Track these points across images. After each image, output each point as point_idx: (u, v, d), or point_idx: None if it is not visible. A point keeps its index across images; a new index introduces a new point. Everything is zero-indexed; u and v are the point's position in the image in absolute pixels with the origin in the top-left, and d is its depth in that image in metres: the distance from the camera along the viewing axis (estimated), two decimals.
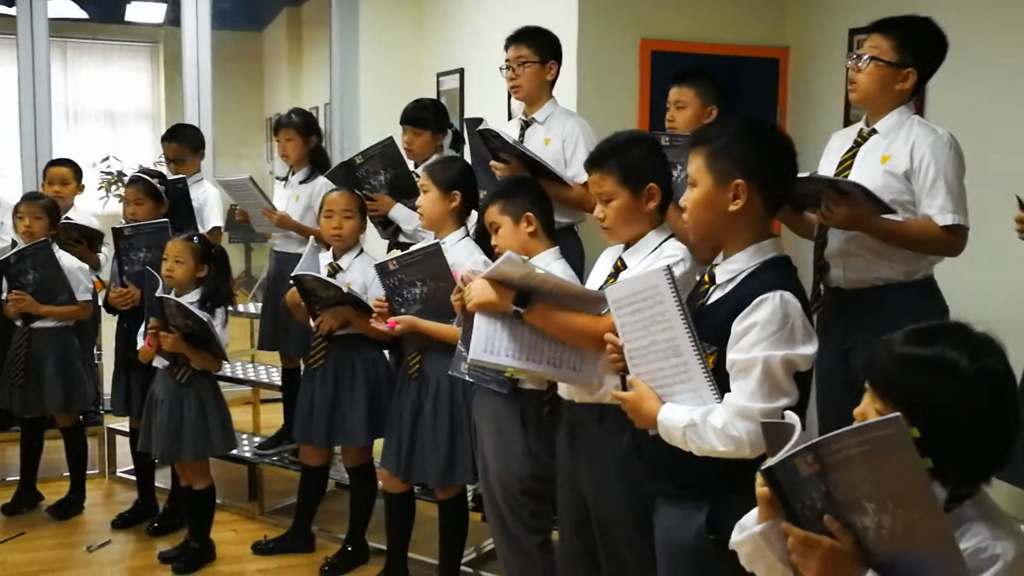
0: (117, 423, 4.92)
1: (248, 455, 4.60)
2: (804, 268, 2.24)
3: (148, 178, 4.34)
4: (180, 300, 3.66)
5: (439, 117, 4.29)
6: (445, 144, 4.32)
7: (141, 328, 3.84)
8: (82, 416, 4.64)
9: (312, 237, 3.89)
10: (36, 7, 5.74)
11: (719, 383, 2.00)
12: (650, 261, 2.39)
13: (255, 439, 4.88)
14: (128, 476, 4.88)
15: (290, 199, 4.47)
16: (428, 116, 4.22)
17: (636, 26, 4.60)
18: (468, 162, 3.60)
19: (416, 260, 3.25)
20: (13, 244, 4.45)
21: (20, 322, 4.32)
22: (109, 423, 4.99)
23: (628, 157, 2.47)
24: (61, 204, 4.61)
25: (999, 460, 1.46)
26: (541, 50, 3.67)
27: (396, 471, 3.48)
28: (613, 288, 2.15)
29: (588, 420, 2.56)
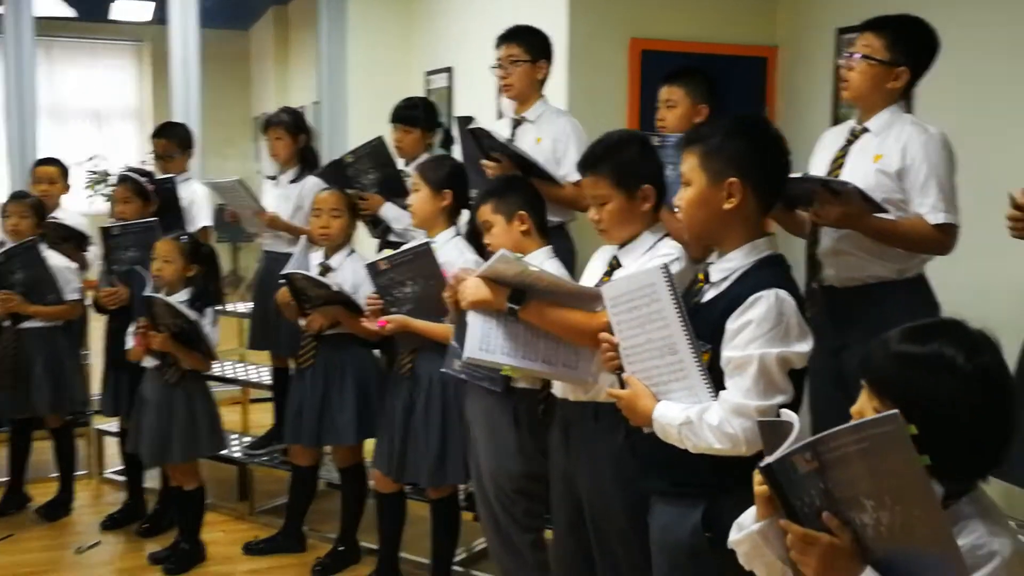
0: (106, 423, 4.89)
1: (238, 455, 4.58)
2: (796, 267, 2.24)
3: (136, 177, 4.32)
4: (169, 299, 3.64)
5: (429, 115, 4.28)
6: (435, 143, 4.32)
7: (130, 328, 3.81)
8: (71, 417, 4.61)
9: (304, 236, 3.87)
10: (21, 6, 5.70)
11: (714, 381, 2.00)
12: (645, 260, 2.39)
13: (245, 439, 4.86)
14: (117, 477, 4.86)
15: (280, 198, 4.45)
16: (418, 114, 4.22)
17: (626, 25, 4.61)
18: (459, 161, 3.59)
19: (407, 259, 3.24)
20: (0, 244, 4.42)
21: (8, 322, 4.28)
22: (98, 424, 4.96)
23: (621, 159, 2.46)
24: (48, 203, 4.58)
25: (996, 457, 1.46)
26: (532, 49, 3.67)
27: (388, 471, 3.47)
28: (609, 286, 2.15)
29: (582, 418, 2.56)
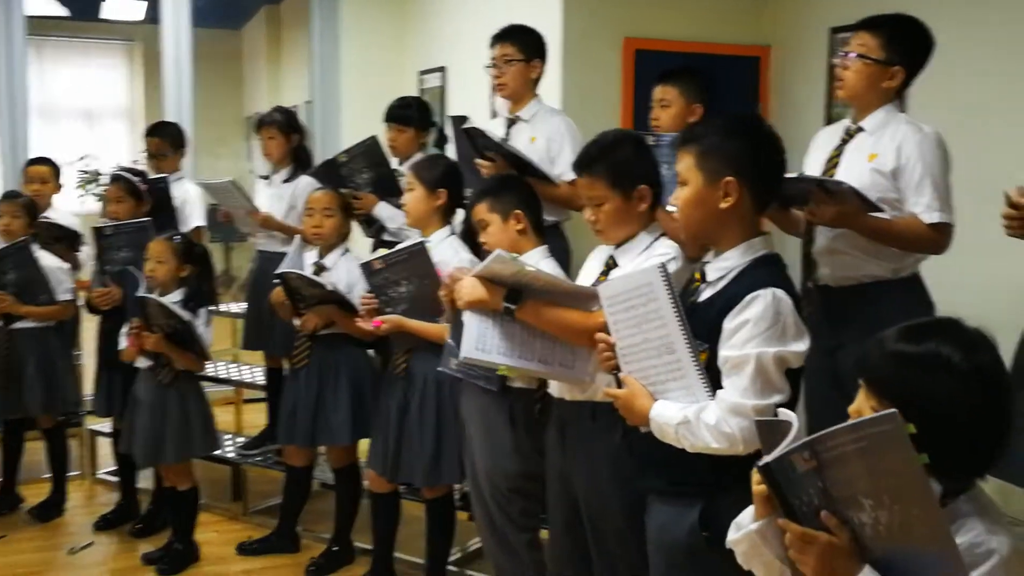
0: (98, 424, 4.88)
1: (231, 455, 4.57)
2: (791, 266, 2.24)
3: (129, 176, 4.31)
4: (162, 300, 3.63)
5: (423, 115, 4.27)
6: (429, 142, 4.31)
7: (123, 328, 3.80)
8: (63, 417, 4.58)
9: (298, 236, 3.86)
10: (12, 4, 5.67)
11: (711, 380, 2.00)
12: (642, 260, 2.38)
13: (238, 439, 4.85)
14: (109, 477, 4.84)
15: (273, 198, 4.45)
16: (412, 114, 4.21)
17: (620, 25, 4.62)
18: (454, 160, 3.58)
19: (401, 259, 3.23)
20: None
21: (0, 323, 4.26)
22: (90, 424, 4.95)
23: (616, 159, 2.45)
24: (40, 203, 4.56)
25: (993, 455, 1.47)
26: (526, 48, 3.66)
27: (383, 471, 3.46)
28: (606, 285, 2.14)
29: (579, 417, 2.56)
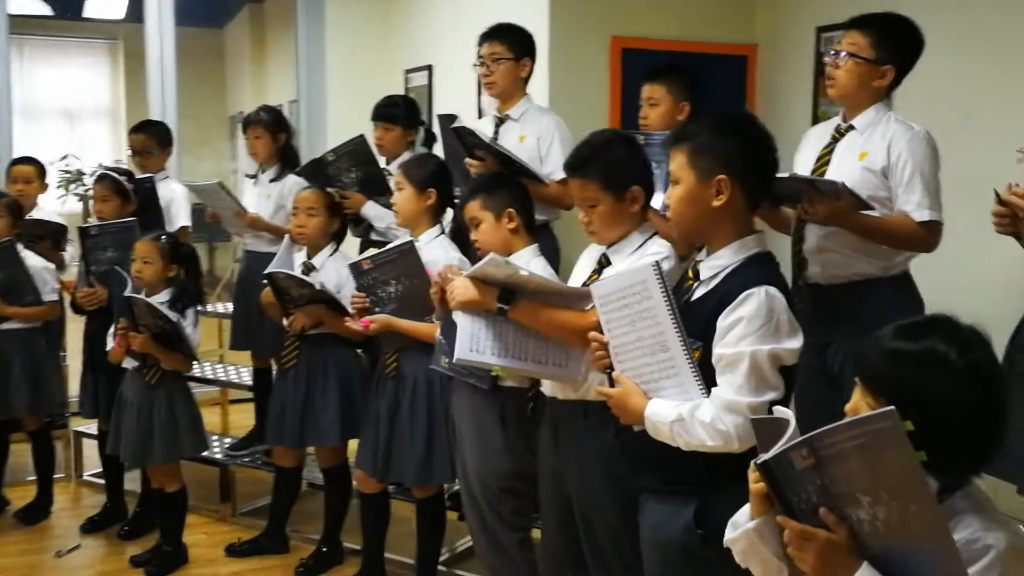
0: (84, 425, 4.84)
1: (219, 456, 4.55)
2: (782, 264, 2.25)
3: (115, 176, 4.28)
4: (149, 300, 3.61)
5: (410, 113, 4.26)
6: (417, 141, 4.30)
7: (110, 329, 3.78)
8: (49, 419, 4.54)
9: (287, 236, 3.85)
10: None
11: (705, 378, 2.00)
12: (634, 259, 2.38)
13: (225, 440, 4.82)
14: (95, 479, 4.81)
15: (260, 197, 4.43)
16: (399, 112, 4.19)
17: (607, 24, 4.62)
18: (443, 160, 3.57)
19: (391, 259, 3.22)
20: None
21: None
22: (75, 426, 4.91)
23: (608, 161, 2.43)
24: (25, 203, 4.51)
25: (988, 452, 1.47)
26: (515, 47, 3.65)
27: (372, 472, 3.45)
28: (599, 284, 2.14)
29: (572, 416, 2.55)
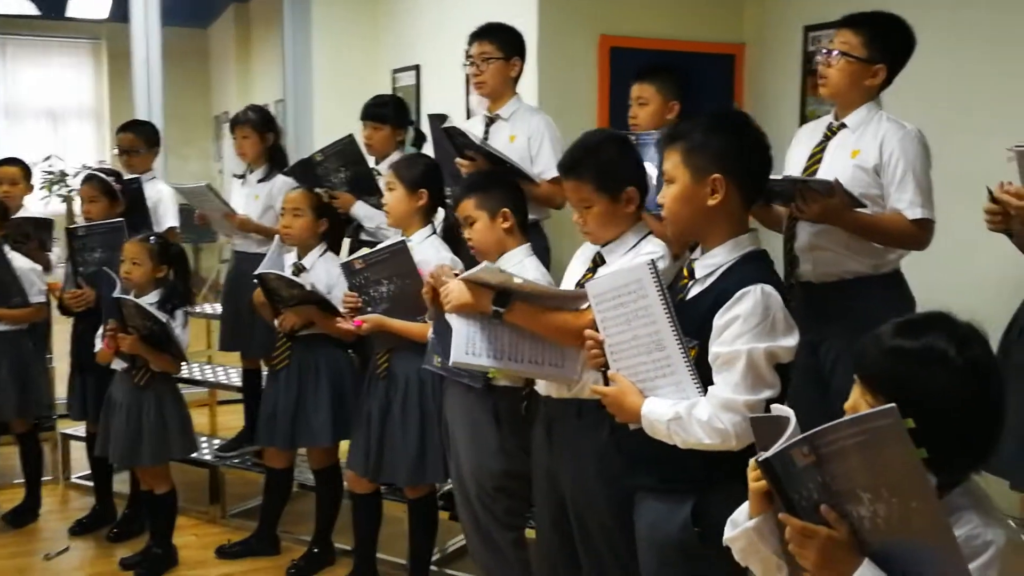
0: (71, 428, 4.81)
1: (208, 458, 4.53)
2: (774, 262, 2.26)
3: (103, 176, 4.25)
4: (139, 301, 3.59)
5: (399, 112, 4.25)
6: (407, 140, 4.29)
7: (99, 330, 3.75)
8: (36, 421, 4.51)
9: (277, 236, 3.83)
10: None
11: (701, 377, 2.00)
12: (629, 259, 2.38)
13: (214, 441, 4.80)
14: (83, 482, 4.78)
15: (248, 198, 4.40)
16: (388, 112, 4.18)
17: (595, 22, 4.62)
18: (434, 160, 3.57)
19: (382, 258, 3.22)
20: None
21: None
22: (63, 428, 4.88)
23: (602, 162, 2.43)
24: (11, 204, 4.48)
25: (987, 448, 1.48)
26: (505, 46, 3.65)
27: (364, 472, 3.44)
28: (594, 283, 2.14)
29: (566, 415, 2.55)
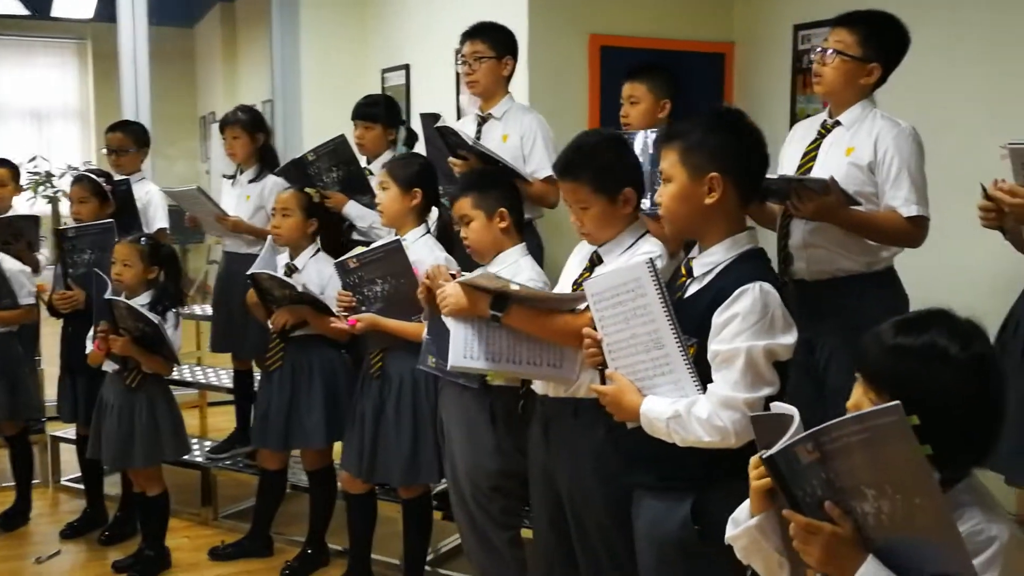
0: (60, 430, 4.78)
1: (199, 459, 4.51)
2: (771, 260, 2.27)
3: (93, 177, 4.23)
4: (130, 303, 3.57)
5: (390, 112, 4.24)
6: (398, 140, 4.28)
7: (89, 332, 3.73)
8: (26, 424, 4.48)
9: (270, 236, 3.82)
10: None
11: (699, 375, 2.00)
12: (626, 258, 2.38)
13: (204, 443, 4.78)
14: (73, 485, 4.75)
15: (239, 199, 4.38)
16: (379, 111, 4.17)
17: (585, 22, 4.62)
18: (428, 159, 3.56)
19: (377, 257, 3.21)
20: None
21: None
22: (52, 430, 4.85)
23: (599, 164, 2.42)
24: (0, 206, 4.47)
25: (989, 444, 1.49)
26: (497, 45, 3.65)
27: (358, 472, 3.43)
28: (593, 281, 2.14)
29: (563, 414, 2.55)
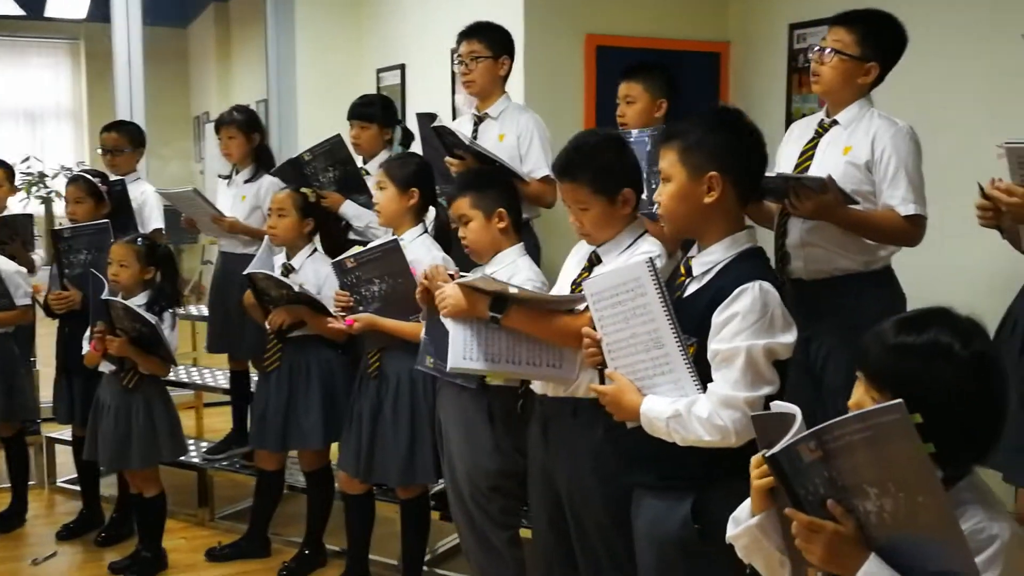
0: (56, 431, 4.77)
1: (196, 460, 4.50)
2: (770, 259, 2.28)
3: (89, 177, 4.22)
4: (127, 303, 3.57)
5: (386, 111, 4.23)
6: (395, 140, 4.28)
7: (86, 332, 3.72)
8: (22, 425, 4.47)
9: (267, 236, 3.81)
10: None
11: (699, 374, 2.01)
12: (625, 258, 2.38)
13: (201, 444, 4.77)
14: (69, 486, 4.74)
15: (235, 199, 4.37)
16: (375, 111, 4.17)
17: (581, 21, 4.63)
18: (425, 159, 3.56)
19: (374, 257, 3.21)
20: None
21: None
22: (47, 431, 4.83)
23: (598, 165, 2.42)
24: None
25: (991, 442, 1.50)
26: (494, 45, 3.66)
27: (356, 473, 3.42)
28: (592, 281, 2.14)
29: (562, 414, 2.55)
